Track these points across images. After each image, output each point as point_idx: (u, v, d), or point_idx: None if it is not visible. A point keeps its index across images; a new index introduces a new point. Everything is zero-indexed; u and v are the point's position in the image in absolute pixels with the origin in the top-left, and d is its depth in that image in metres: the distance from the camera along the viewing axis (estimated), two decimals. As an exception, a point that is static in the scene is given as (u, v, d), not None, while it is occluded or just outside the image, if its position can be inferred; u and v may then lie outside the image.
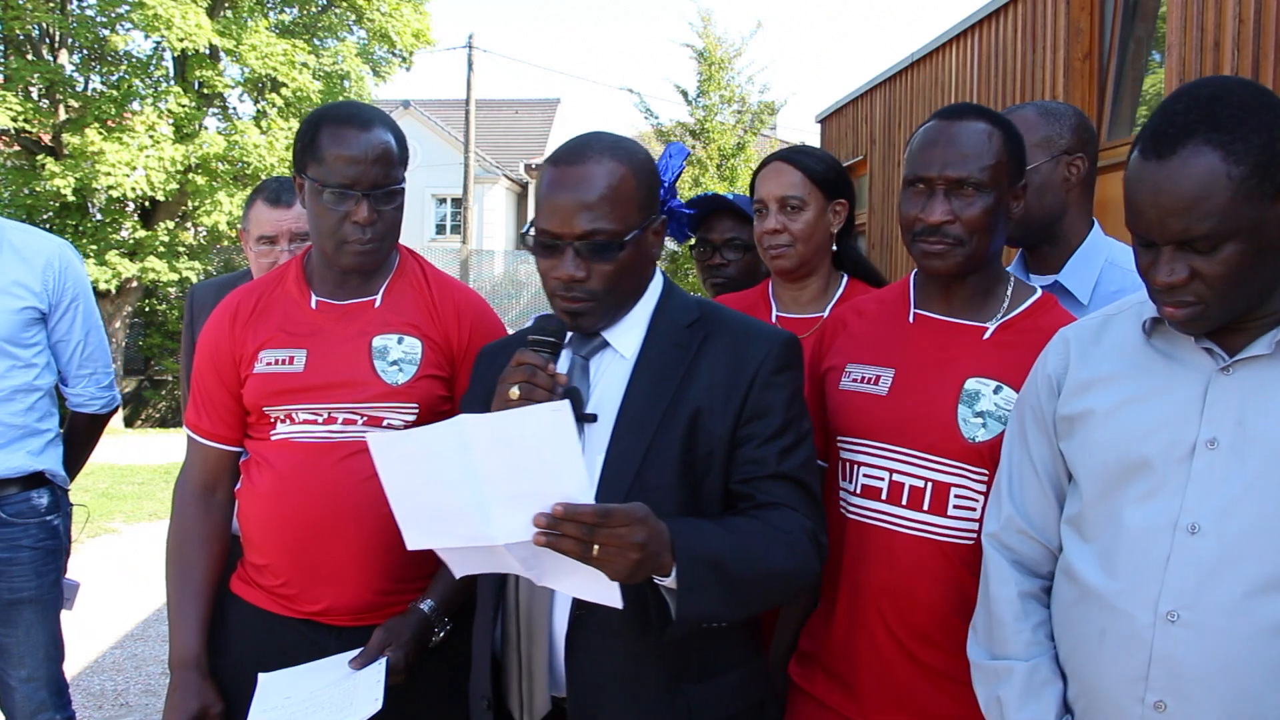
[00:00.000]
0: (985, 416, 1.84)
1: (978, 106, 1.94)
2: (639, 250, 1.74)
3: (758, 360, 1.74)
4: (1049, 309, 1.93)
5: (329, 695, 1.93)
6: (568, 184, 1.69)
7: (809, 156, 2.50)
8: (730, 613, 1.64)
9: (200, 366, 2.21)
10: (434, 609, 2.06)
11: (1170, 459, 1.52)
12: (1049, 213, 2.31)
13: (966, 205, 1.85)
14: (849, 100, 9.42)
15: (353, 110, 2.11)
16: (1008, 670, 1.67)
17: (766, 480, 1.72)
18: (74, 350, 3.07)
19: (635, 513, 1.48)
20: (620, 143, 1.76)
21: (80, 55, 16.52)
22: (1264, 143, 1.41)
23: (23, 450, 2.93)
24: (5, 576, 2.93)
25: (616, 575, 1.49)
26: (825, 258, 2.49)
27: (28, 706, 2.97)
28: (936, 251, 1.87)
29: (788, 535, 1.68)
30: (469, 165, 23.77)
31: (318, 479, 2.07)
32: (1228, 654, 1.44)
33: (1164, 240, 1.45)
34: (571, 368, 1.79)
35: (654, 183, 1.78)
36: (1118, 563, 1.54)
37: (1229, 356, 1.52)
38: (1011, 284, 1.96)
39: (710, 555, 1.57)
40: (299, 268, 2.22)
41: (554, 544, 1.45)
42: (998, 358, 1.87)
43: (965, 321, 1.93)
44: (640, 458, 1.69)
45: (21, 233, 3.02)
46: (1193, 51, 4.48)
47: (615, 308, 1.76)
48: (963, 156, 1.85)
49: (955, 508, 1.84)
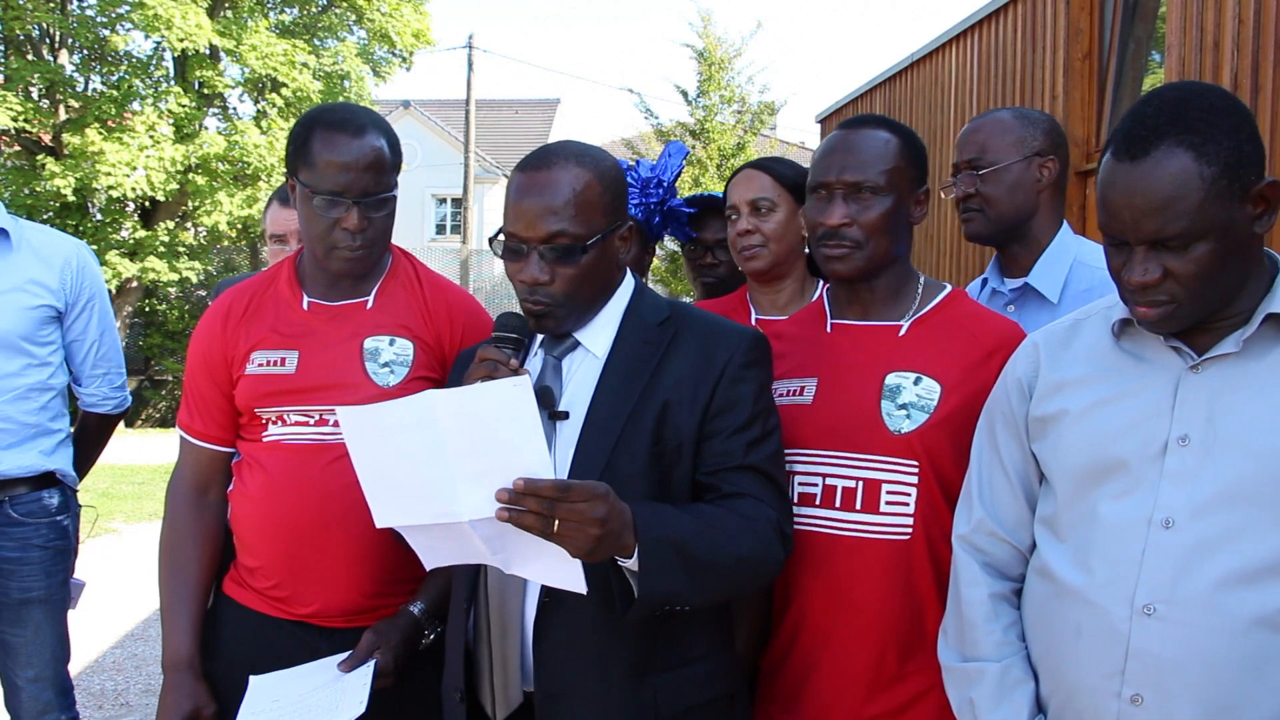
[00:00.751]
0: (909, 408, 1.88)
1: (879, 116, 2.02)
2: (603, 255, 1.78)
3: (726, 355, 1.78)
4: (960, 302, 1.99)
5: (316, 698, 1.94)
6: (533, 189, 1.74)
7: (778, 163, 2.57)
8: (693, 595, 1.67)
9: (192, 367, 2.22)
10: (424, 611, 2.07)
11: (1144, 457, 1.55)
12: (1019, 211, 2.40)
13: (864, 209, 1.91)
14: (849, 100, 9.41)
15: (345, 115, 2.10)
16: (979, 672, 1.69)
17: (733, 471, 1.75)
18: (89, 350, 3.08)
19: (595, 489, 1.51)
20: (586, 150, 1.80)
21: (80, 55, 16.53)
22: (1233, 145, 1.45)
23: (35, 449, 2.94)
24: (15, 576, 2.93)
25: (578, 551, 1.51)
26: (798, 260, 2.53)
27: (34, 707, 2.97)
28: (837, 255, 1.93)
29: (752, 523, 1.70)
30: (469, 165, 23.78)
31: (309, 481, 2.07)
32: (1204, 647, 1.46)
33: (1138, 240, 1.48)
34: (544, 367, 1.82)
35: (620, 190, 1.81)
36: (1093, 558, 1.57)
37: (1197, 355, 1.55)
38: (922, 282, 2.01)
39: (672, 537, 1.60)
40: (291, 269, 2.22)
41: (516, 519, 1.48)
42: (915, 351, 1.92)
43: (880, 323, 1.98)
44: (610, 449, 1.72)
45: (40, 232, 3.05)
46: (1193, 51, 4.48)
47: (579, 311, 1.80)
48: (860, 162, 1.92)
49: (887, 504, 1.86)
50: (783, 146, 20.87)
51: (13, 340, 2.88)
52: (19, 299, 2.90)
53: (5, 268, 2.91)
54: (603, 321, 1.84)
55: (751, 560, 1.70)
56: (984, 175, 2.40)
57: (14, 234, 2.94)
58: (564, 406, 1.78)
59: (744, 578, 1.74)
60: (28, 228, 3.02)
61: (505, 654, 1.76)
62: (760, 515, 1.72)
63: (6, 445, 2.88)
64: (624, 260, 1.85)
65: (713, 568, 1.65)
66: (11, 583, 2.93)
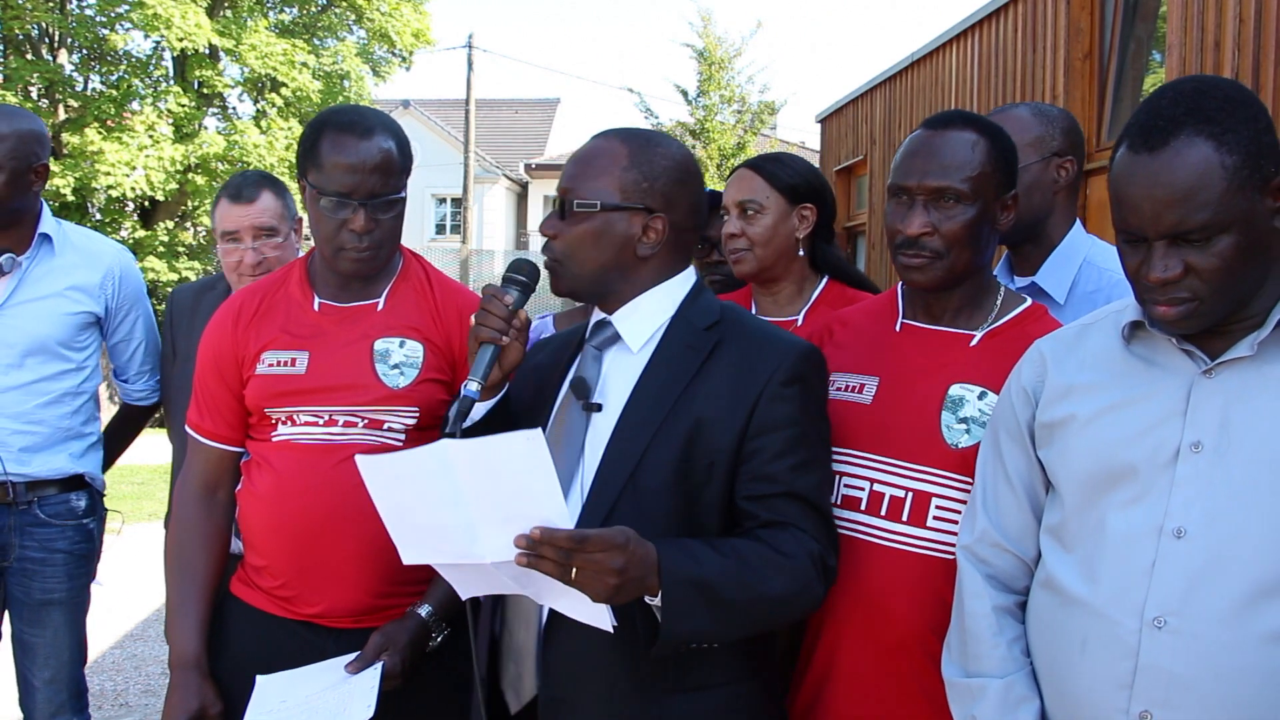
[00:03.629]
0: (969, 423, 1.80)
1: (967, 114, 1.91)
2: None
3: (768, 371, 1.70)
4: (1038, 317, 1.90)
5: (324, 700, 1.93)
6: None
7: (774, 164, 2.52)
8: (720, 634, 1.65)
9: (203, 366, 2.22)
10: (431, 614, 2.06)
11: (1154, 464, 1.49)
12: (1035, 212, 2.32)
13: (946, 217, 1.81)
14: (849, 100, 9.42)
15: (355, 117, 2.10)
16: (982, 688, 1.62)
17: (774, 499, 1.68)
18: (136, 349, 3.15)
19: (614, 539, 1.49)
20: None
21: (80, 55, 16.52)
22: (1252, 135, 1.41)
23: (65, 453, 2.96)
24: (38, 577, 2.94)
25: (597, 597, 1.51)
26: (791, 262, 2.49)
27: (48, 708, 2.98)
28: (916, 265, 1.84)
29: (789, 559, 1.64)
30: (469, 165, 23.76)
31: (318, 480, 2.08)
32: (1217, 662, 1.40)
33: (1157, 234, 1.43)
34: (584, 357, 1.82)
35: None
36: (1101, 569, 1.51)
37: (1210, 360, 1.50)
38: (1001, 293, 1.92)
39: (698, 577, 1.57)
40: (303, 270, 2.23)
41: (534, 564, 1.48)
42: (984, 364, 1.84)
43: (952, 330, 1.90)
44: (636, 460, 1.69)
45: (83, 237, 3.08)
46: (1193, 51, 4.48)
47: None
48: (943, 167, 1.82)
49: (935, 519, 1.80)
50: (783, 146, 20.83)
51: (50, 346, 2.90)
52: (59, 305, 2.92)
53: (47, 273, 2.93)
54: (645, 315, 1.80)
55: (785, 599, 1.65)
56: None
57: (57, 239, 2.97)
58: (599, 399, 1.77)
59: (777, 616, 1.69)
60: (71, 231, 3.05)
61: (521, 644, 1.77)
62: (800, 550, 1.65)
63: (38, 448, 2.91)
64: (646, 253, 1.80)
65: (741, 607, 1.61)
66: (34, 583, 2.94)
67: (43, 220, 2.94)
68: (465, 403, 1.72)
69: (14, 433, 2.87)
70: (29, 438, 2.89)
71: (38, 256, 2.93)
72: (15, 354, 2.87)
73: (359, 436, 2.09)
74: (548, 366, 1.91)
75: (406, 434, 2.12)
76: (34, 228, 2.93)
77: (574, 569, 1.47)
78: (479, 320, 1.76)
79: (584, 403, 1.76)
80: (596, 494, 1.71)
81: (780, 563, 1.63)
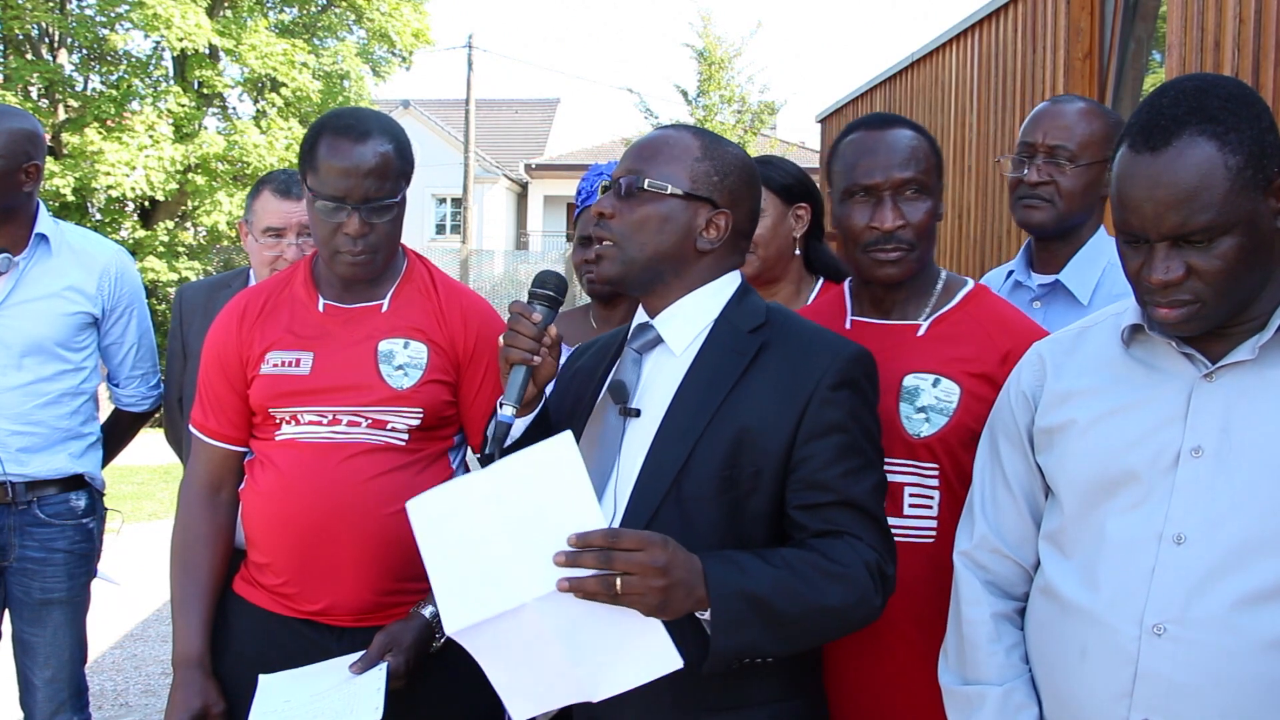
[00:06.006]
0: (927, 411, 1.84)
1: (896, 115, 1.98)
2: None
3: (816, 375, 1.64)
4: (982, 298, 1.95)
5: (329, 700, 1.93)
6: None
7: (766, 166, 2.53)
8: (774, 648, 1.58)
9: (207, 366, 2.23)
10: (435, 614, 2.05)
11: (1155, 469, 1.48)
12: (1085, 212, 2.34)
13: (913, 208, 1.87)
14: (849, 100, 9.43)
15: (351, 121, 2.09)
16: (980, 696, 1.60)
17: (828, 508, 1.62)
18: (127, 353, 3.13)
19: (649, 535, 1.46)
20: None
21: (80, 55, 16.51)
22: (1255, 134, 1.40)
23: (64, 453, 2.96)
24: (38, 577, 2.95)
25: (649, 608, 1.45)
26: (790, 262, 2.51)
27: (48, 707, 2.99)
28: (892, 259, 1.87)
29: (844, 568, 1.58)
30: (469, 165, 23.77)
31: (321, 478, 2.08)
32: (1217, 669, 1.39)
33: (1159, 235, 1.41)
34: (624, 360, 1.78)
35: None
36: (1100, 575, 1.49)
37: (1211, 363, 1.48)
38: (942, 279, 1.96)
39: (749, 590, 1.51)
40: (307, 270, 2.24)
41: (577, 586, 1.42)
42: (933, 351, 1.87)
43: (900, 322, 1.93)
44: (679, 467, 1.64)
45: (80, 237, 3.08)
46: (1193, 51, 4.48)
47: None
48: (904, 161, 1.87)
49: (910, 507, 1.83)
50: (783, 146, 20.84)
51: (48, 346, 2.91)
52: (56, 305, 2.93)
53: (44, 273, 2.94)
54: (689, 317, 1.74)
55: (841, 610, 1.58)
56: (1073, 169, 2.30)
57: (54, 239, 2.97)
58: (639, 404, 1.71)
59: (832, 629, 1.62)
60: (68, 231, 3.05)
61: None
62: (855, 559, 1.59)
63: (38, 448, 2.91)
64: (705, 247, 1.74)
65: (796, 620, 1.55)
66: (34, 583, 2.95)
67: (39, 220, 2.94)
68: (500, 428, 1.69)
69: (13, 433, 2.87)
70: (28, 438, 2.89)
71: (35, 257, 2.94)
72: (13, 355, 2.87)
73: (362, 435, 2.10)
74: (588, 371, 1.87)
75: (409, 434, 2.12)
76: (30, 228, 2.93)
77: (618, 580, 1.41)
78: (508, 341, 1.71)
79: (621, 407, 1.71)
80: (636, 503, 1.65)
81: (835, 572, 1.57)
